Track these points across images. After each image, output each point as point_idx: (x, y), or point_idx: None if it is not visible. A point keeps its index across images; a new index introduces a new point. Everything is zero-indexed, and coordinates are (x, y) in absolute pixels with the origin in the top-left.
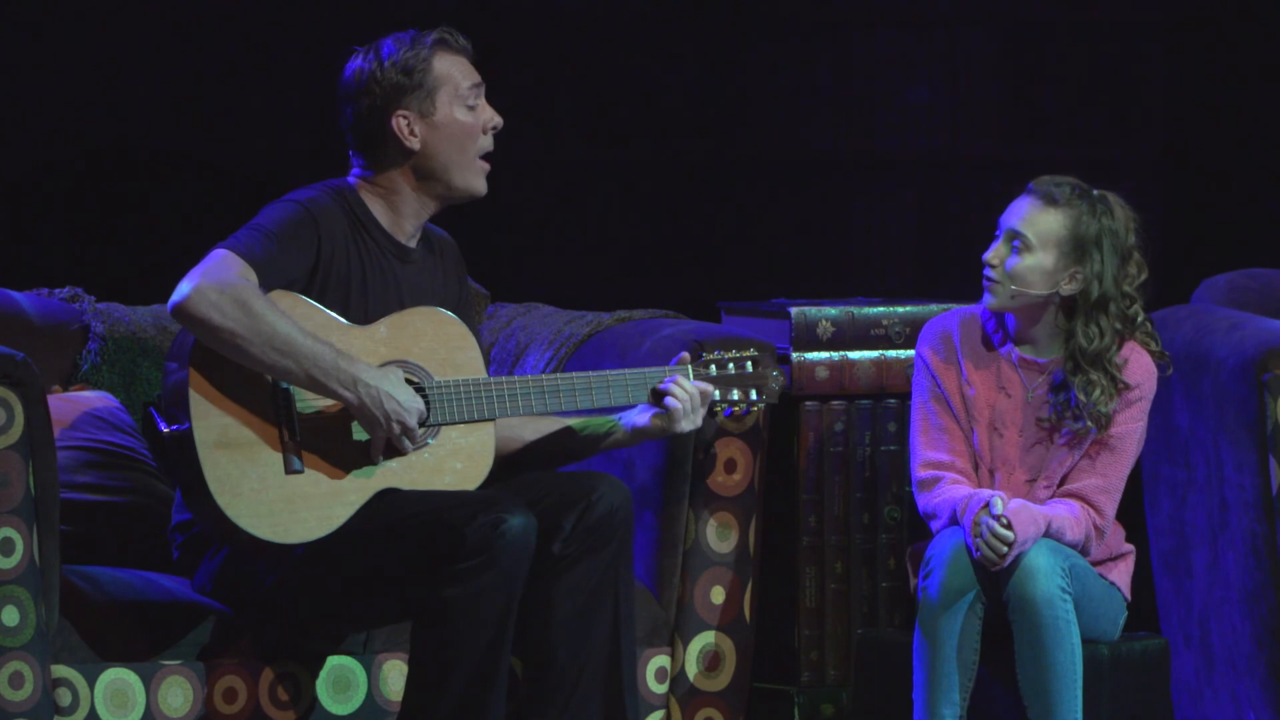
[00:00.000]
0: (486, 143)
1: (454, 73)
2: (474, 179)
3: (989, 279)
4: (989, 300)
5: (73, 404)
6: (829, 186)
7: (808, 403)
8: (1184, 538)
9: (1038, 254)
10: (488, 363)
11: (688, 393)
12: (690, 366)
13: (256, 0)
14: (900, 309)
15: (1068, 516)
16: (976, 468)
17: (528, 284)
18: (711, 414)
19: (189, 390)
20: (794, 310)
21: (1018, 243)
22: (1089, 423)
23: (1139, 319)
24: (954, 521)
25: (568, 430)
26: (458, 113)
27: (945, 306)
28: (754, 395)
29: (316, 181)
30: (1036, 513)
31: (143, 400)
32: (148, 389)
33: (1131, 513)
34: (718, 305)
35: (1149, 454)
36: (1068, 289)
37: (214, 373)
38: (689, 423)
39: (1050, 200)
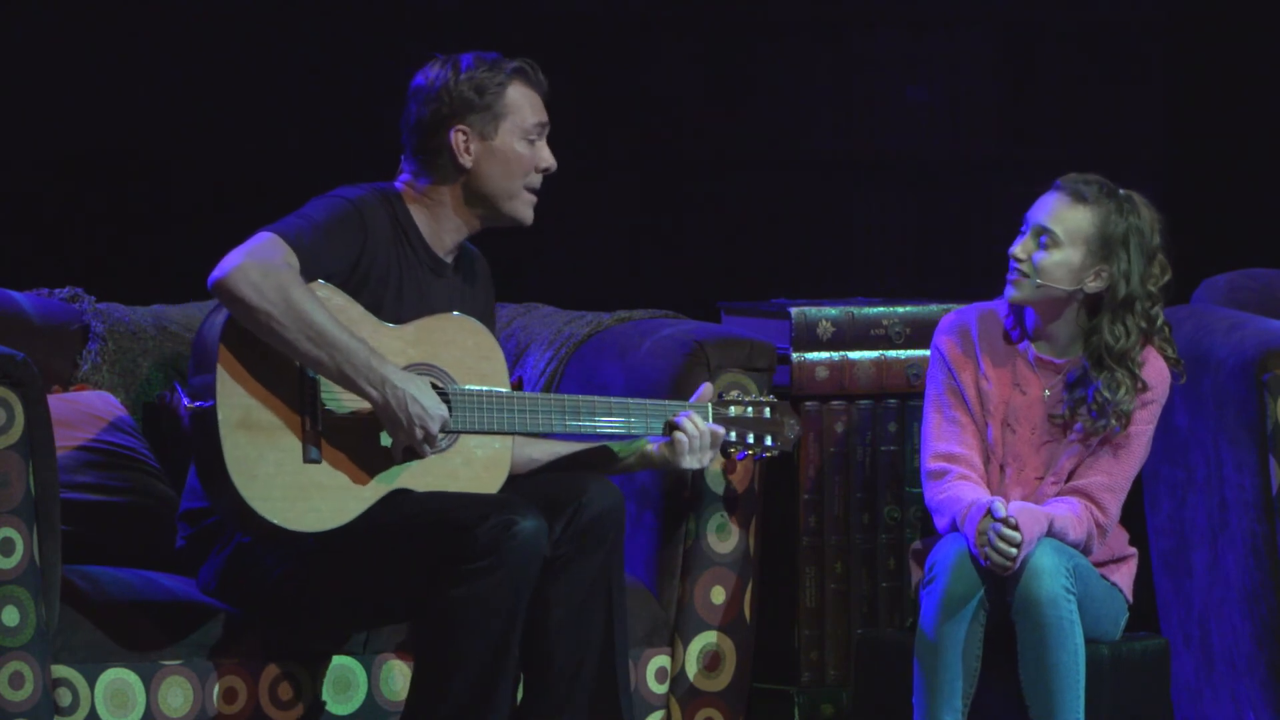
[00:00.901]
0: (535, 180)
1: (524, 105)
2: (521, 207)
3: (1015, 272)
4: (1012, 293)
5: (73, 404)
6: (829, 186)
7: (808, 403)
8: (1184, 538)
9: (1065, 250)
10: None
11: (699, 430)
12: (710, 405)
13: (257, 0)
14: (900, 309)
15: (1070, 516)
16: (987, 462)
17: (528, 284)
18: (725, 455)
19: (217, 368)
20: (794, 310)
21: (1045, 238)
22: (1113, 421)
23: (1159, 321)
24: (955, 527)
25: (579, 453)
26: (516, 144)
27: (946, 306)
28: (769, 441)
29: (332, 183)
30: (1038, 513)
31: (143, 400)
32: (148, 389)
33: (1132, 514)
34: (718, 305)
35: (1149, 454)
36: (1092, 286)
37: (243, 355)
38: (694, 460)
39: (1079, 197)
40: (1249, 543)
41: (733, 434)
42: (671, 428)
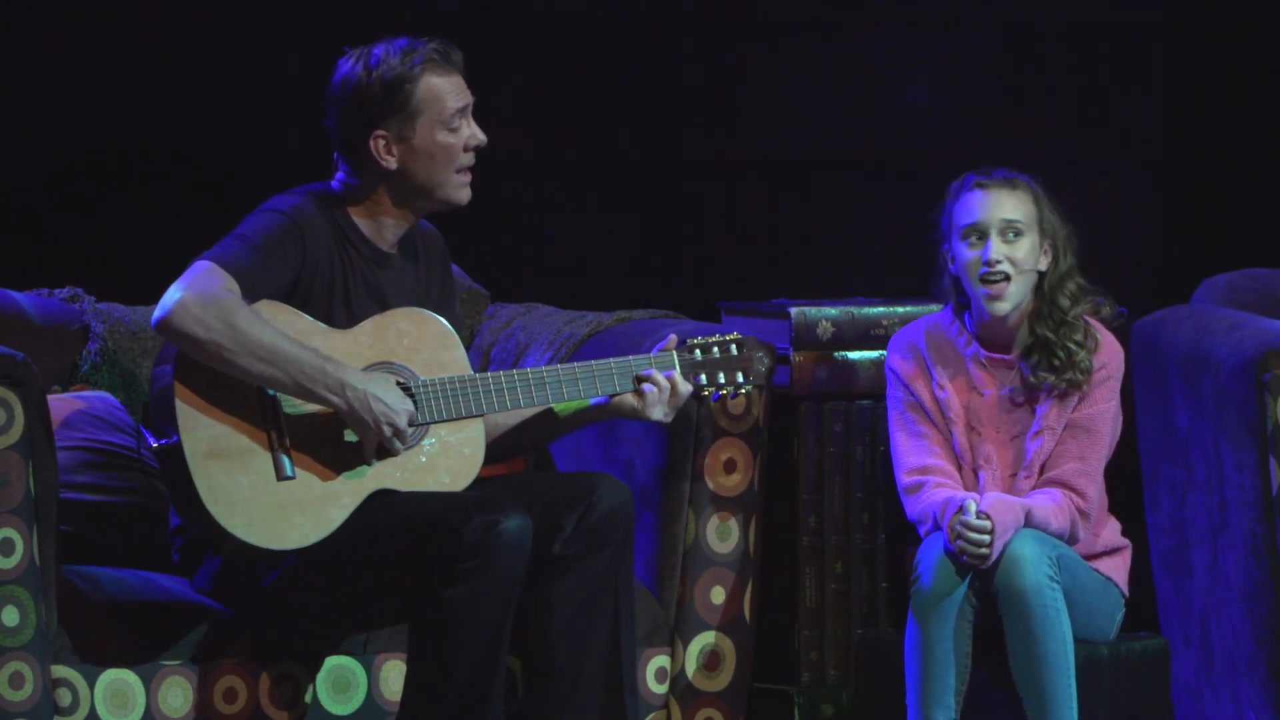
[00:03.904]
0: (467, 159)
1: (440, 95)
2: (454, 192)
3: (1002, 276)
4: (1000, 305)
5: (73, 404)
6: (829, 186)
7: (807, 403)
8: (1184, 537)
9: (1027, 235)
10: (486, 362)
11: (664, 384)
12: (675, 353)
13: (257, 0)
14: (900, 309)
15: (1049, 505)
16: (960, 468)
17: (528, 284)
18: (699, 399)
19: (175, 402)
20: (794, 310)
21: (1011, 232)
22: (1078, 375)
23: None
24: (938, 527)
25: (544, 412)
26: (438, 135)
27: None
28: (740, 378)
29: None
30: (1014, 503)
31: (142, 400)
32: (147, 389)
33: (1131, 512)
34: (718, 305)
35: (1149, 454)
36: (1043, 263)
37: (200, 383)
38: (660, 412)
39: (1011, 184)
40: (1249, 543)
41: (703, 376)
42: (639, 380)
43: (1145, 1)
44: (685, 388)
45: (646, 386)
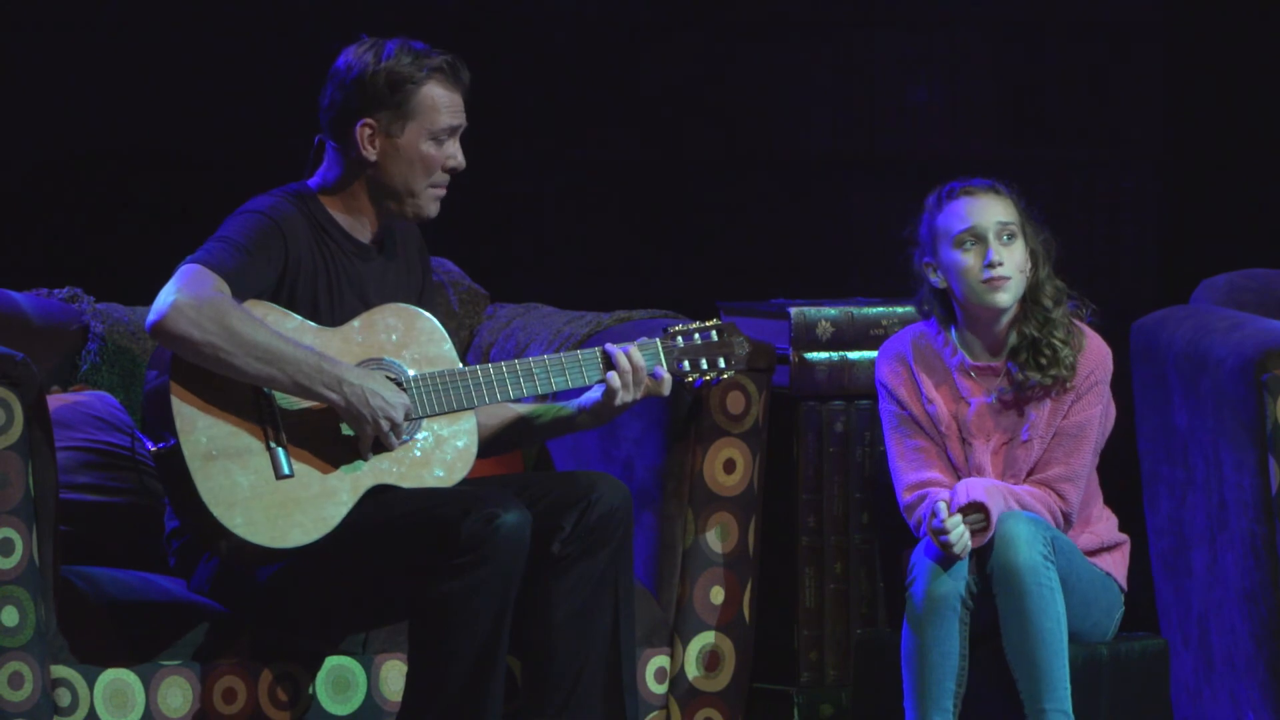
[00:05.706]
0: (442, 179)
1: (437, 106)
2: (425, 205)
3: (1003, 278)
4: (1003, 295)
5: (72, 404)
6: (829, 186)
7: (807, 403)
8: (1183, 538)
9: (1019, 238)
10: (485, 362)
11: (631, 363)
12: (658, 340)
13: (257, 0)
14: (900, 309)
15: (1035, 493)
16: (959, 478)
17: (528, 284)
18: (683, 385)
19: (172, 404)
20: (793, 310)
21: (1006, 235)
22: (1063, 371)
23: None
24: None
25: (524, 418)
26: (422, 145)
27: None
28: (722, 364)
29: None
30: (999, 485)
31: (142, 401)
32: None
33: (1130, 512)
34: (717, 305)
35: (1148, 454)
36: (1028, 268)
37: (194, 384)
38: (627, 394)
39: (995, 191)
40: (1248, 543)
41: (685, 363)
42: (608, 364)
43: (1145, 1)
44: (645, 371)
45: (610, 374)
